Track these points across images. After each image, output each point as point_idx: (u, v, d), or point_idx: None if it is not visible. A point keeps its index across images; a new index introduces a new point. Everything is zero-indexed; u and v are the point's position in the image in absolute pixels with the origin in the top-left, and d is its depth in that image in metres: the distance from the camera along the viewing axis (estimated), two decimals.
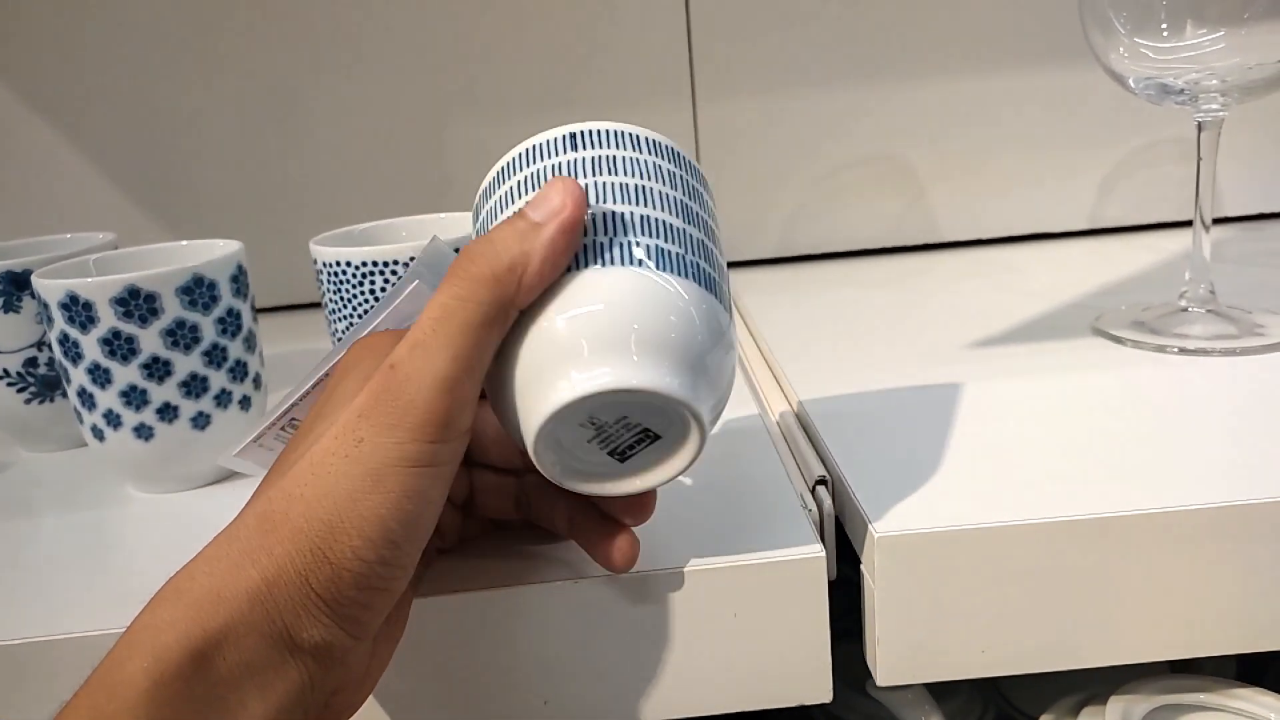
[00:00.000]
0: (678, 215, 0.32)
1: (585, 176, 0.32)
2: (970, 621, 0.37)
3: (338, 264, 0.44)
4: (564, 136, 0.33)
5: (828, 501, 0.41)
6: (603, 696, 0.37)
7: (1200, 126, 0.52)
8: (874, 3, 0.75)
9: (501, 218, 0.32)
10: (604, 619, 0.37)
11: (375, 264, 0.44)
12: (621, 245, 0.31)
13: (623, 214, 0.32)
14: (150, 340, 0.43)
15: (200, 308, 0.44)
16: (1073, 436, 0.43)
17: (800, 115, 0.77)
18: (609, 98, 0.76)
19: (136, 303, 0.43)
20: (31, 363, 0.51)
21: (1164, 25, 0.50)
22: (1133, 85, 0.52)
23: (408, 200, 0.77)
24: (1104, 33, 0.52)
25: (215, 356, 0.45)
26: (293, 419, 0.37)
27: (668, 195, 0.33)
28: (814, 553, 0.37)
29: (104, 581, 0.40)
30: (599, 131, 0.33)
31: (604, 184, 0.32)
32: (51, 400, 0.52)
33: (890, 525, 0.37)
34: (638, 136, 0.33)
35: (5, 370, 0.51)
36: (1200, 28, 0.49)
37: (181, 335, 0.44)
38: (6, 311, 0.50)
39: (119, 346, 0.43)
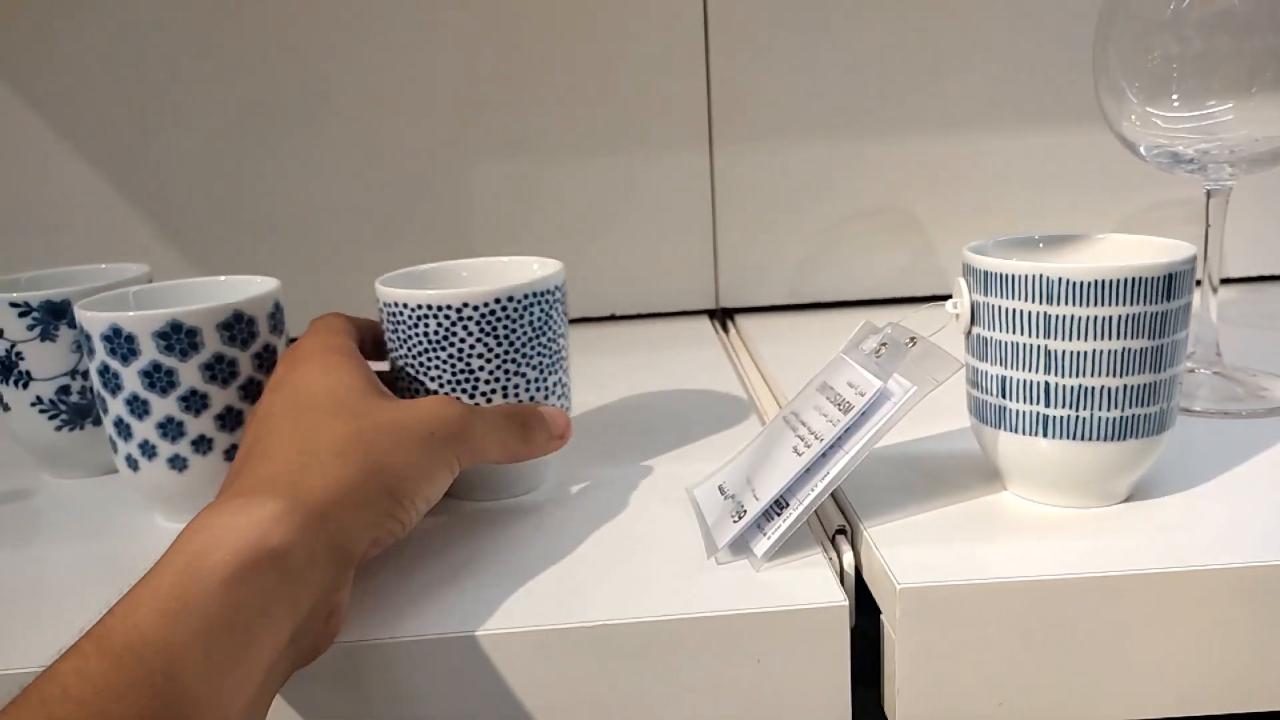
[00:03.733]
0: None
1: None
2: (988, 674, 0.38)
3: (400, 305, 0.45)
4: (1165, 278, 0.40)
5: (849, 552, 0.42)
6: None
7: (1209, 194, 0.54)
8: (891, 56, 0.77)
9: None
10: (625, 663, 0.37)
11: (432, 307, 0.44)
12: None
13: None
14: (189, 374, 0.44)
15: (239, 343, 0.45)
16: None
17: (813, 164, 0.79)
18: (628, 140, 0.78)
19: (178, 337, 0.44)
20: (64, 390, 0.52)
21: (1175, 96, 0.51)
22: (1144, 153, 0.54)
23: (431, 241, 0.78)
24: (1117, 101, 0.53)
25: (251, 391, 0.46)
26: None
27: None
28: (837, 601, 0.38)
29: None
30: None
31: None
32: (81, 428, 0.53)
33: (912, 577, 0.38)
34: None
35: (39, 397, 0.52)
36: (1210, 99, 0.51)
37: (219, 370, 0.45)
38: (43, 340, 0.51)
39: (159, 379, 0.44)
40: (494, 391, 0.45)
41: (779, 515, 0.41)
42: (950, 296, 0.43)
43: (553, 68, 0.77)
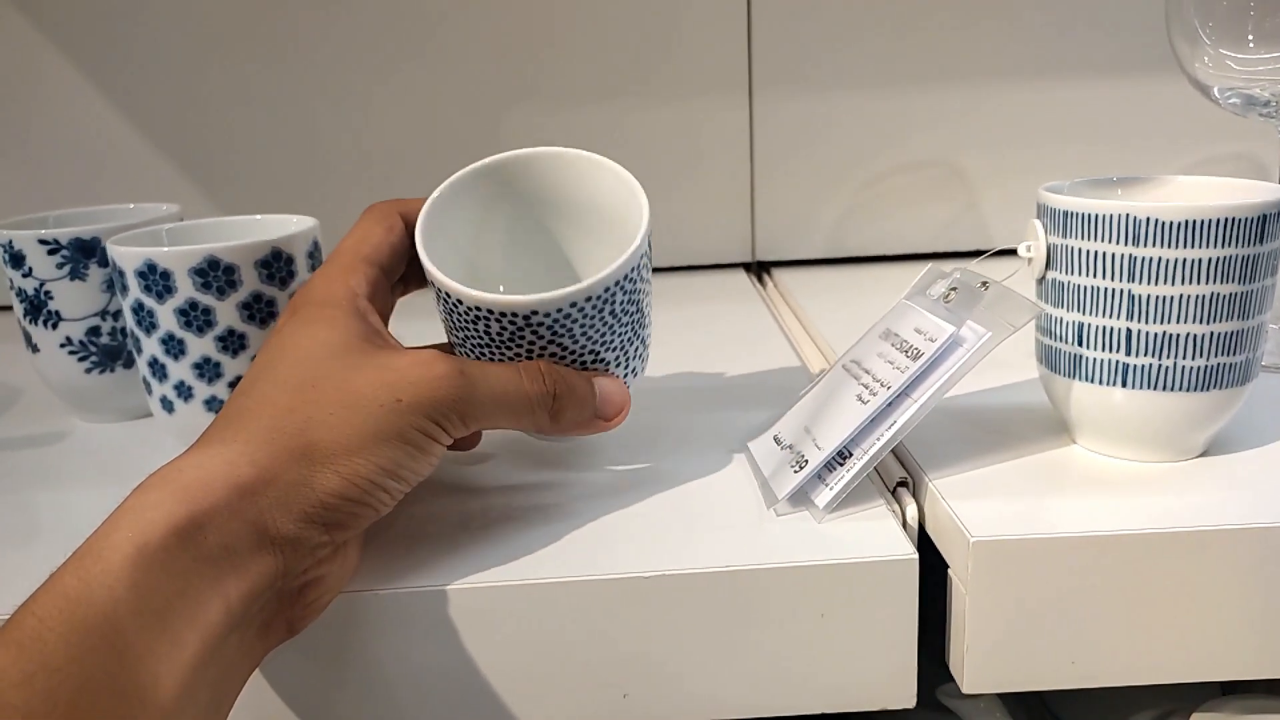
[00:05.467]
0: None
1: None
2: (1061, 631, 0.37)
3: (453, 300, 0.38)
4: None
5: (912, 505, 0.40)
6: (683, 691, 0.37)
7: None
8: (933, 8, 0.74)
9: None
10: (686, 614, 0.36)
11: (493, 312, 0.38)
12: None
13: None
14: (227, 313, 0.43)
15: (277, 282, 0.43)
16: None
17: (855, 117, 0.76)
18: (666, 91, 0.75)
19: (215, 274, 0.42)
20: (94, 331, 0.50)
21: (1251, 37, 0.49)
22: (1217, 96, 0.52)
23: None
24: (1190, 43, 0.51)
25: None
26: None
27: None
28: (906, 555, 0.36)
29: None
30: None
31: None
32: (112, 370, 0.51)
33: (984, 530, 0.36)
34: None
35: (68, 338, 0.50)
36: None
37: (258, 309, 0.43)
38: (73, 279, 0.49)
39: (195, 318, 0.42)
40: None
41: (842, 466, 0.39)
42: (987, 251, 0.41)
43: (589, 14, 0.74)
